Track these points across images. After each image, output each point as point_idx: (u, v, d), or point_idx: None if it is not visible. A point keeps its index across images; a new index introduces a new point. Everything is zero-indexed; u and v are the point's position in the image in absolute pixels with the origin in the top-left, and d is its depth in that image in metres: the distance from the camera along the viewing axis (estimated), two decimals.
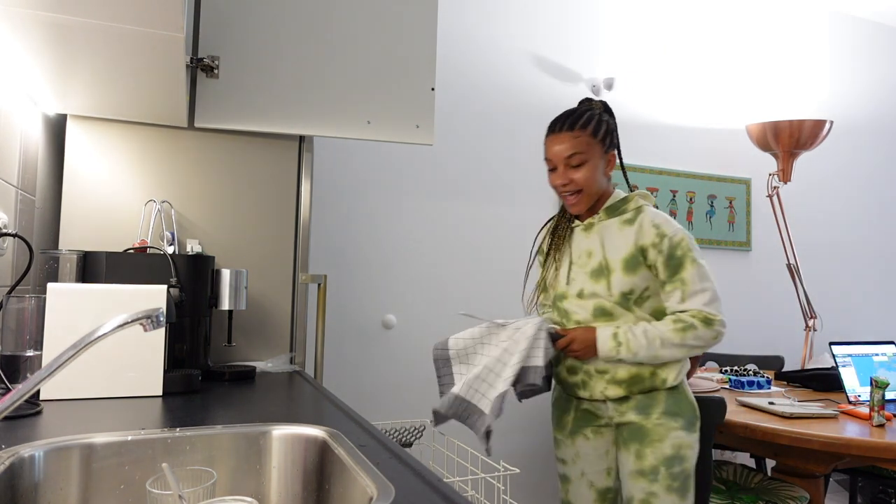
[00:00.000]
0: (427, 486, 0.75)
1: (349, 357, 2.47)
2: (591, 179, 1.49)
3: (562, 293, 1.57)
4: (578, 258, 1.55)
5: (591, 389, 1.51)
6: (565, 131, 1.49)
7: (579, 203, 1.51)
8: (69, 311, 1.20)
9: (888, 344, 2.26)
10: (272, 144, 1.75)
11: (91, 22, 0.96)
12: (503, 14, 2.78)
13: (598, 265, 1.51)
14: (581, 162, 1.48)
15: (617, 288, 1.48)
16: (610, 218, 1.54)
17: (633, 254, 1.47)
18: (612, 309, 1.48)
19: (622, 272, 1.47)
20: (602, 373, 1.50)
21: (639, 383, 1.48)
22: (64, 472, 0.87)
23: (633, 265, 1.47)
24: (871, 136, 3.72)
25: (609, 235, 1.51)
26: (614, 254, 1.49)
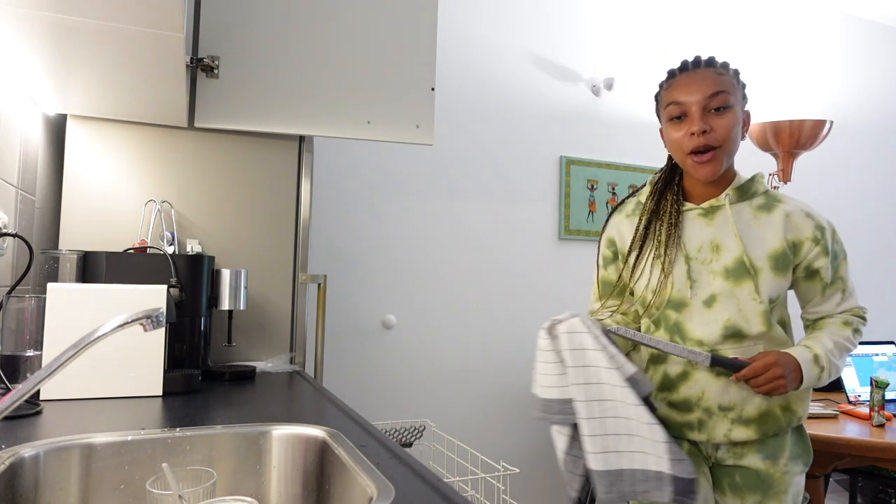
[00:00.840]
0: (427, 486, 0.75)
1: (349, 357, 2.47)
2: (733, 135, 1.15)
3: (679, 300, 1.18)
4: (699, 252, 1.18)
5: (709, 432, 1.17)
6: (710, 69, 1.16)
7: (713, 164, 1.14)
8: (69, 311, 1.20)
9: (888, 344, 2.26)
10: (272, 144, 1.75)
11: (91, 22, 0.96)
12: (503, 14, 2.78)
13: (736, 263, 1.15)
14: (726, 104, 1.14)
15: (766, 293, 1.14)
16: (740, 202, 1.20)
17: (783, 251, 1.15)
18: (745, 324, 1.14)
19: (772, 273, 1.15)
20: (726, 410, 1.16)
21: (772, 423, 1.16)
22: (64, 472, 0.87)
23: (782, 265, 1.15)
24: (871, 136, 3.72)
25: (742, 224, 1.17)
26: (758, 248, 1.15)
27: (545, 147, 2.84)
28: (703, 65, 1.17)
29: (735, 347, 1.15)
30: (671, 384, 1.20)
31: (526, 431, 2.74)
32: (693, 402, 1.18)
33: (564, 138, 2.88)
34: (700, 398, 1.17)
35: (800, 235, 1.17)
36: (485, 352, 2.69)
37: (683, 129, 1.16)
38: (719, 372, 1.15)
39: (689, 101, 1.15)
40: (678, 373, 1.19)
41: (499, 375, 2.71)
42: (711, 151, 1.14)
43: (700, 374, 1.17)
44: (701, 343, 1.15)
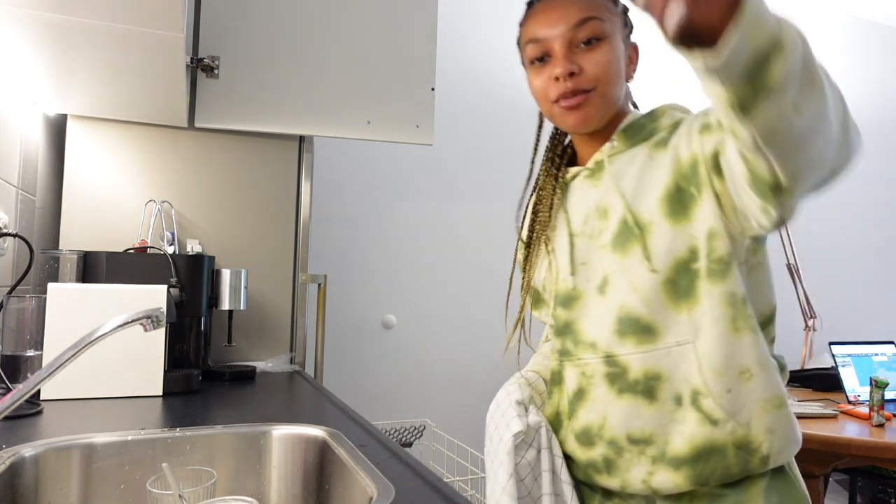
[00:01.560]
0: (427, 486, 0.75)
1: (349, 357, 2.47)
2: (612, 71, 0.84)
3: (567, 293, 0.88)
4: (584, 225, 0.88)
5: (622, 475, 0.82)
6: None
7: (583, 109, 0.85)
8: (69, 311, 1.20)
9: (888, 344, 2.26)
10: (272, 144, 1.75)
11: (91, 22, 0.96)
12: (503, 14, 2.78)
13: (621, 224, 0.83)
14: (597, 35, 0.84)
15: (662, 255, 0.79)
16: (632, 146, 0.87)
17: (677, 184, 0.80)
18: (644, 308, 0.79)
19: (668, 221, 0.80)
20: (640, 443, 0.80)
21: (716, 464, 0.76)
22: (64, 472, 0.87)
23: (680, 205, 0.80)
24: (872, 136, 3.73)
25: (634, 172, 0.85)
26: (649, 197, 0.82)
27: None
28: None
29: (644, 351, 0.79)
30: (571, 408, 0.86)
31: None
32: (594, 433, 0.83)
33: None
34: (602, 426, 0.82)
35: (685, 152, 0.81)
36: (485, 351, 2.69)
37: (546, 72, 0.87)
38: (622, 388, 0.80)
39: (549, 35, 0.85)
40: (574, 390, 0.86)
41: (499, 375, 2.71)
42: (583, 95, 0.84)
43: (598, 389, 0.83)
44: (595, 346, 0.83)
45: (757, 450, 0.76)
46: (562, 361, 0.89)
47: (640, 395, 0.79)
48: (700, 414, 0.76)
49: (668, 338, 0.78)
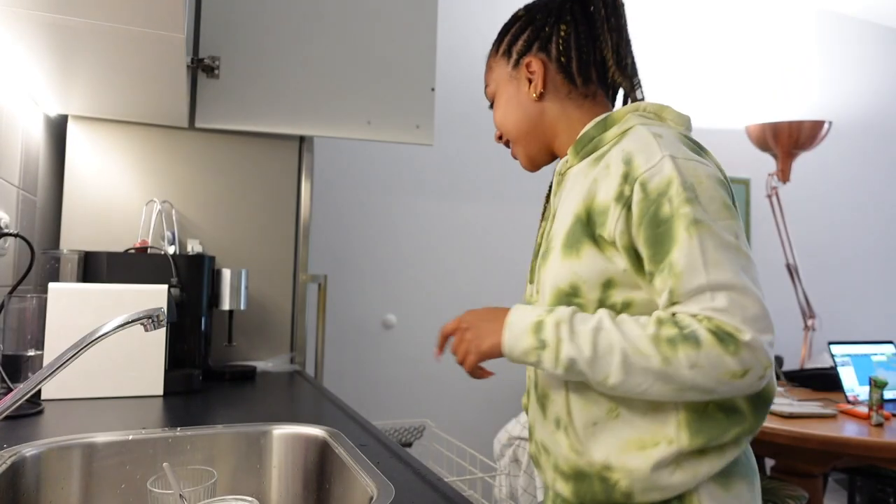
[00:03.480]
0: (427, 486, 0.75)
1: (349, 357, 2.47)
2: (505, 117, 0.92)
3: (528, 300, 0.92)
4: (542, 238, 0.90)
5: (543, 472, 0.87)
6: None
7: (518, 158, 0.95)
8: (70, 311, 1.20)
9: (887, 344, 2.26)
10: (272, 144, 1.76)
11: (91, 22, 0.96)
12: (503, 14, 2.78)
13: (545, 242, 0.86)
14: (490, 97, 0.96)
15: (550, 284, 0.79)
16: (581, 160, 0.85)
17: (576, 218, 0.78)
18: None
19: (560, 253, 0.79)
20: (546, 451, 0.85)
21: (586, 488, 0.78)
22: (65, 472, 0.87)
23: (573, 240, 0.78)
24: (871, 136, 3.73)
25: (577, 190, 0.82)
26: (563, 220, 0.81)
27: None
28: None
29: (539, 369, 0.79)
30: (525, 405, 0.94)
31: None
32: (532, 429, 0.90)
33: None
34: (533, 426, 0.89)
35: (605, 194, 0.75)
36: None
37: None
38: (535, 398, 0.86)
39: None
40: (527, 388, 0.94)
41: (499, 375, 2.71)
42: (510, 147, 0.95)
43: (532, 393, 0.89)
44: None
45: (615, 485, 0.75)
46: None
47: (540, 408, 0.85)
48: (568, 441, 0.80)
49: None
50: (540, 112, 0.89)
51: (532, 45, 0.89)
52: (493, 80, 0.94)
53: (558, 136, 0.90)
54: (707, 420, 0.73)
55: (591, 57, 0.87)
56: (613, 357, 0.69)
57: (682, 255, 0.68)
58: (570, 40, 0.87)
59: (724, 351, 0.66)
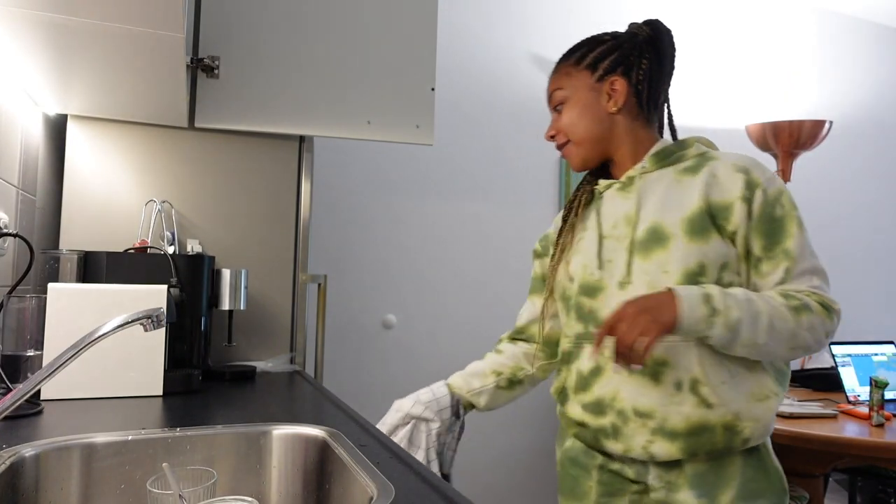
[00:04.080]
0: (427, 485, 0.75)
1: (349, 357, 2.47)
2: (574, 123, 1.07)
3: (590, 284, 1.03)
4: (613, 228, 1.04)
5: (626, 441, 0.98)
6: (552, 73, 1.13)
7: (571, 158, 1.10)
8: (70, 311, 1.20)
9: (888, 344, 2.26)
10: (272, 144, 1.75)
11: (91, 22, 0.96)
12: (503, 14, 2.78)
13: (646, 232, 0.99)
14: (561, 101, 1.09)
15: (678, 262, 0.95)
16: (660, 168, 1.05)
17: (700, 211, 0.96)
18: None
19: (685, 237, 0.95)
20: (644, 416, 0.96)
21: (705, 441, 0.94)
22: (64, 472, 0.87)
23: (700, 227, 0.95)
24: (871, 136, 3.73)
25: (661, 190, 1.02)
26: (671, 212, 0.98)
27: (545, 147, 2.84)
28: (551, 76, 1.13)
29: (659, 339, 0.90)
30: (585, 383, 1.03)
31: (525, 430, 2.74)
32: (606, 403, 0.99)
33: None
34: (613, 398, 0.99)
35: (727, 195, 0.96)
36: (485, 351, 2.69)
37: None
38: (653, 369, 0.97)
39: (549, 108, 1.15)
40: (591, 368, 1.03)
41: None
42: (565, 147, 1.10)
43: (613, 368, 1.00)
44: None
45: (740, 432, 0.94)
46: (579, 342, 1.06)
47: (648, 377, 0.96)
48: (697, 398, 0.94)
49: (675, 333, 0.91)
50: (612, 124, 1.07)
51: (617, 67, 1.06)
52: (570, 87, 1.08)
53: (621, 148, 1.08)
54: (781, 376, 1.00)
55: (657, 91, 1.09)
56: (762, 320, 0.90)
57: (796, 245, 0.96)
58: (648, 74, 1.07)
59: (826, 317, 0.94)
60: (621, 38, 1.09)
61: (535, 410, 2.75)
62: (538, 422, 2.75)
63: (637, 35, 1.09)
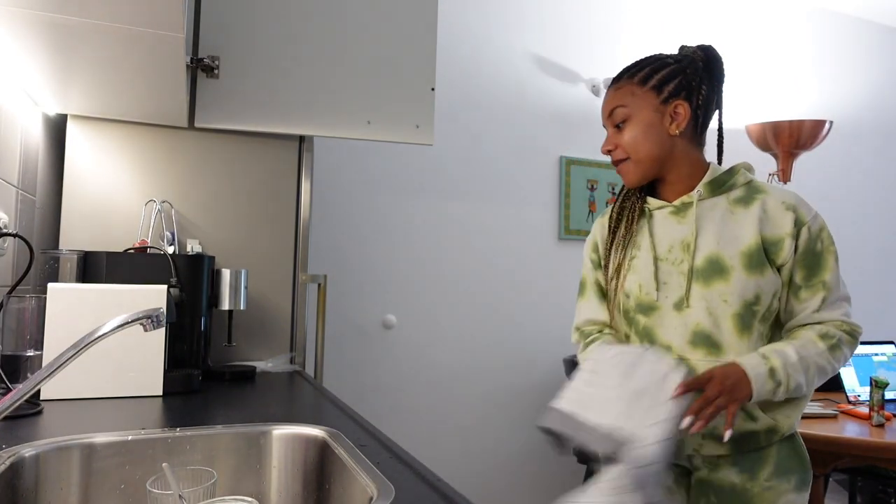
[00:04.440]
0: (427, 485, 0.75)
1: (349, 357, 2.47)
2: (637, 143, 1.11)
3: (647, 303, 1.11)
4: (669, 252, 1.11)
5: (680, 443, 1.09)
6: (612, 88, 1.17)
7: (628, 175, 1.14)
8: (69, 311, 1.20)
9: (888, 344, 2.26)
10: (272, 144, 1.75)
11: (91, 22, 0.96)
12: (503, 14, 2.78)
13: (705, 262, 1.07)
14: (624, 118, 1.13)
15: (736, 294, 1.04)
16: (714, 196, 1.12)
17: (757, 247, 1.06)
18: (715, 330, 1.06)
19: (745, 271, 1.05)
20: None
21: (750, 441, 1.07)
22: (64, 472, 0.87)
23: (756, 262, 1.05)
24: (871, 136, 3.73)
25: (716, 220, 1.09)
26: (729, 245, 1.07)
27: (545, 147, 2.84)
28: (612, 83, 1.18)
29: (710, 360, 1.05)
30: None
31: (526, 430, 2.74)
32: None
33: (564, 138, 2.88)
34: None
35: (778, 231, 1.07)
36: (485, 351, 2.69)
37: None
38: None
39: (604, 121, 1.19)
40: None
41: (499, 375, 2.71)
42: (624, 163, 1.14)
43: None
44: (670, 348, 1.08)
45: (779, 431, 1.08)
46: None
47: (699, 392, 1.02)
48: (743, 413, 1.06)
49: (731, 354, 1.05)
50: (672, 145, 1.12)
51: (681, 91, 1.12)
52: (634, 105, 1.12)
53: (675, 169, 1.14)
54: None
55: (709, 116, 1.16)
56: (811, 372, 1.04)
57: (832, 277, 1.08)
58: (706, 100, 1.14)
59: (852, 344, 1.09)
60: (684, 63, 1.14)
61: (537, 413, 2.75)
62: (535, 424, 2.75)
63: (696, 60, 1.14)
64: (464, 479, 2.63)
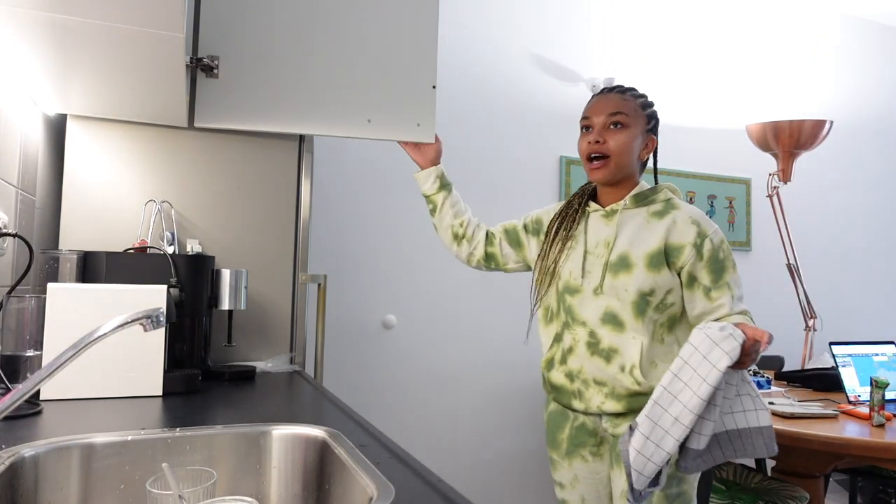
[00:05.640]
0: (427, 485, 0.75)
1: (349, 357, 2.46)
2: (626, 148, 1.34)
3: (573, 286, 1.37)
4: (595, 247, 1.37)
5: (586, 401, 1.35)
6: (615, 94, 1.37)
7: (602, 170, 1.35)
8: (69, 311, 1.20)
9: (888, 344, 2.26)
10: (272, 144, 1.75)
11: (91, 22, 0.96)
12: (504, 14, 2.78)
13: (618, 258, 1.32)
14: (622, 123, 1.34)
15: (635, 286, 1.29)
16: (637, 207, 1.38)
17: (659, 250, 1.30)
18: (620, 312, 1.31)
19: (645, 268, 1.30)
20: (600, 384, 1.33)
21: (638, 400, 1.29)
22: (64, 472, 0.87)
23: (656, 262, 1.30)
24: (872, 136, 3.72)
25: (633, 226, 1.35)
26: (638, 247, 1.32)
27: (545, 147, 2.84)
28: (614, 91, 1.38)
29: (615, 334, 1.31)
30: (564, 357, 1.39)
31: (525, 430, 2.74)
32: (574, 374, 1.37)
33: (564, 138, 2.88)
34: (580, 371, 1.36)
35: (682, 240, 1.30)
36: (485, 351, 2.69)
37: (586, 139, 1.38)
38: (594, 352, 1.33)
39: (593, 117, 1.38)
40: (567, 347, 1.38)
41: (498, 375, 2.71)
42: (603, 160, 1.35)
43: (581, 349, 1.35)
44: (584, 324, 1.34)
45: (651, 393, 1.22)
46: (563, 329, 1.40)
47: (603, 359, 1.33)
48: (632, 378, 1.30)
49: (629, 332, 1.31)
50: (634, 165, 1.38)
51: (656, 130, 1.42)
52: (633, 119, 1.35)
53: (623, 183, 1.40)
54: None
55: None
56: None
57: (733, 281, 1.33)
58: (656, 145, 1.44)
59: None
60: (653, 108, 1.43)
61: (533, 415, 2.75)
62: (539, 424, 2.75)
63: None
64: (464, 479, 2.63)
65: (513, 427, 2.72)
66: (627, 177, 1.38)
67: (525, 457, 2.73)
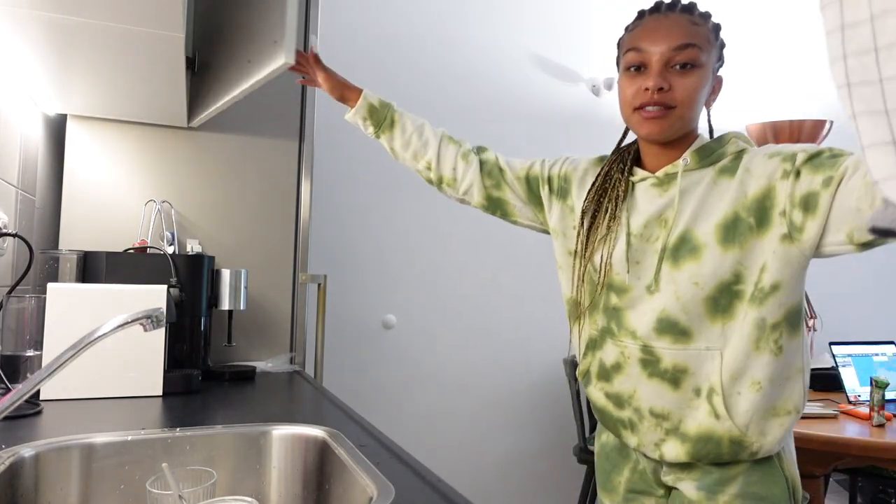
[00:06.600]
0: (427, 485, 0.75)
1: (349, 357, 2.46)
2: (696, 97, 0.93)
3: (619, 284, 1.00)
4: (644, 228, 0.98)
5: (640, 436, 1.00)
6: (682, 15, 0.94)
7: (661, 121, 0.94)
8: (69, 311, 1.20)
9: (888, 344, 2.26)
10: (272, 144, 1.75)
11: (91, 22, 0.96)
12: (503, 14, 2.78)
13: (678, 239, 0.94)
14: (693, 61, 0.92)
15: (710, 274, 0.91)
16: (701, 167, 0.96)
17: (734, 217, 0.90)
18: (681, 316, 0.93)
19: (719, 247, 0.90)
20: (659, 417, 0.97)
21: (711, 449, 0.93)
22: (64, 472, 0.87)
23: (733, 235, 0.90)
24: None
25: (698, 194, 0.94)
26: (705, 221, 0.92)
27: (545, 147, 2.84)
28: (678, 9, 0.95)
29: (677, 348, 0.93)
30: (606, 374, 1.04)
31: (525, 431, 2.73)
32: (624, 399, 1.01)
33: (564, 138, 2.88)
34: (632, 396, 1.00)
35: (767, 181, 0.89)
36: (485, 352, 2.69)
37: (639, 82, 0.95)
38: (652, 373, 0.96)
39: (651, 50, 0.93)
40: (612, 363, 1.02)
41: (499, 375, 2.71)
42: (666, 111, 0.94)
43: (632, 368, 0.99)
44: (634, 335, 0.97)
45: (748, 447, 0.92)
46: (604, 336, 1.04)
47: (667, 382, 0.96)
48: (710, 407, 0.93)
49: (700, 342, 0.93)
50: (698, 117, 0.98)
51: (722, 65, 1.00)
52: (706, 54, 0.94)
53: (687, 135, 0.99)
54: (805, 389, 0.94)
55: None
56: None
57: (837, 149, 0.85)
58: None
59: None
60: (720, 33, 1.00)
61: (537, 414, 2.75)
62: (540, 424, 2.75)
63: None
64: (464, 480, 2.62)
65: (513, 427, 2.72)
66: (688, 132, 0.98)
67: (525, 457, 2.73)
